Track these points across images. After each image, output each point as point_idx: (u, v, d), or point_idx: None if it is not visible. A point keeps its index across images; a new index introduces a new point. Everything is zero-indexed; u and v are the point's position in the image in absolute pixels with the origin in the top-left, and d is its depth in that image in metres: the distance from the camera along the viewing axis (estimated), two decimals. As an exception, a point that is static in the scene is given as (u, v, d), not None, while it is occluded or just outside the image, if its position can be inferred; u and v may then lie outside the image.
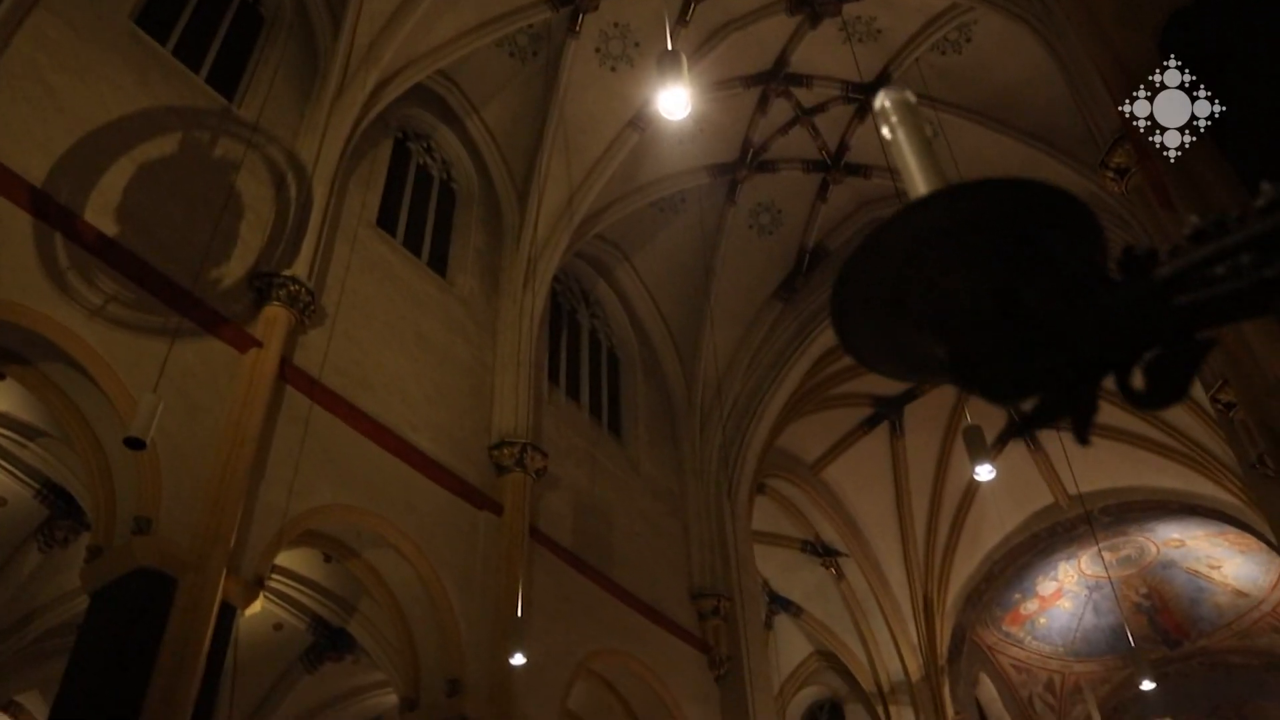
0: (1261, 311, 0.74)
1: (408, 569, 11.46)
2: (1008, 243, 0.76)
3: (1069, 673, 24.18)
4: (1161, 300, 0.74)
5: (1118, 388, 0.82)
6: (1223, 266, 0.75)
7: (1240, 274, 0.73)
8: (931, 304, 0.79)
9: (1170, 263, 0.76)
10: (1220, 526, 20.63)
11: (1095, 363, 0.77)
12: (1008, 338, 0.76)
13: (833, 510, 20.65)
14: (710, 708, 14.84)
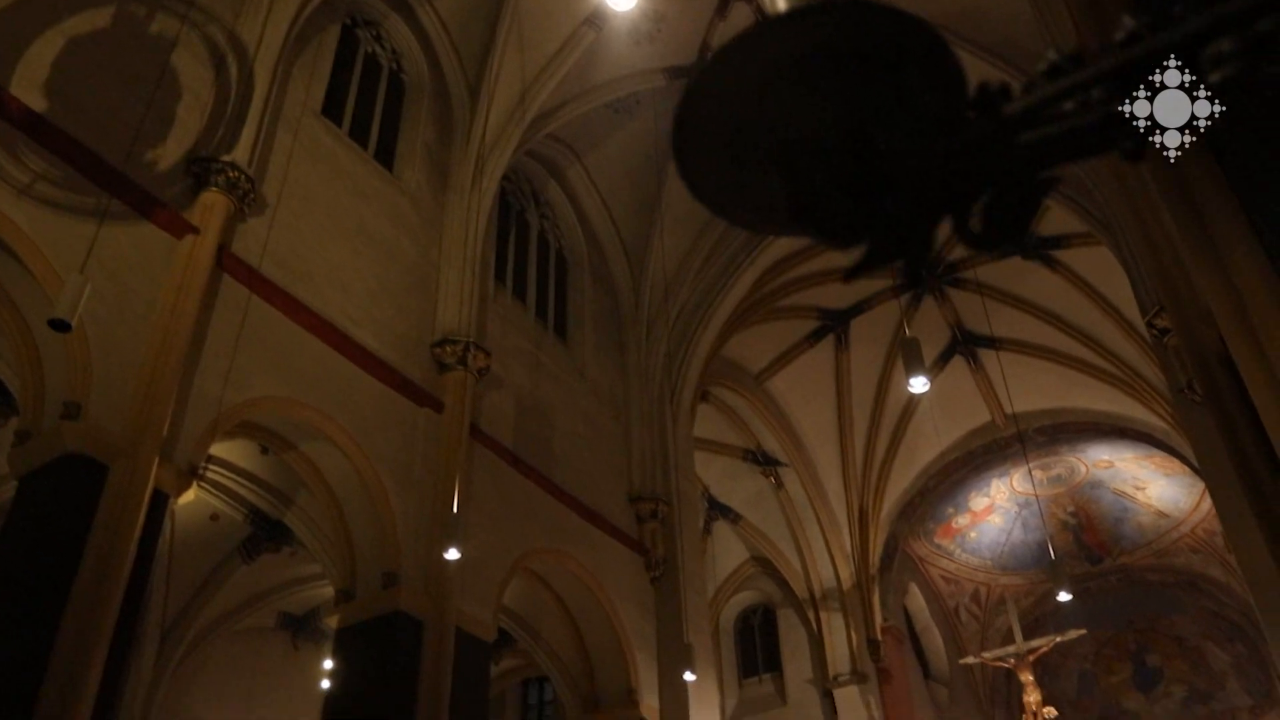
0: (1107, 148, 0.71)
1: (345, 463, 11.43)
2: (862, 75, 0.71)
3: (995, 585, 24.97)
4: (1008, 137, 0.70)
5: (955, 229, 0.78)
6: (1073, 102, 0.71)
7: (1089, 109, 0.70)
8: (777, 140, 0.75)
9: (1022, 99, 0.72)
10: (1148, 449, 21.21)
11: (935, 202, 0.73)
12: (853, 176, 0.72)
13: (775, 420, 20.89)
14: (644, 608, 15.15)
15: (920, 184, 0.71)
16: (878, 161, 0.71)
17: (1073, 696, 26.38)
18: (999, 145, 0.70)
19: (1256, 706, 24.08)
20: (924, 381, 8.30)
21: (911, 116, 0.71)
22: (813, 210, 0.78)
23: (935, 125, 0.71)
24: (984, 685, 25.51)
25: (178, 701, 15.57)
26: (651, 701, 14.44)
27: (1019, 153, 0.70)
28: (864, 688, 20.25)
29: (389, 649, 10.95)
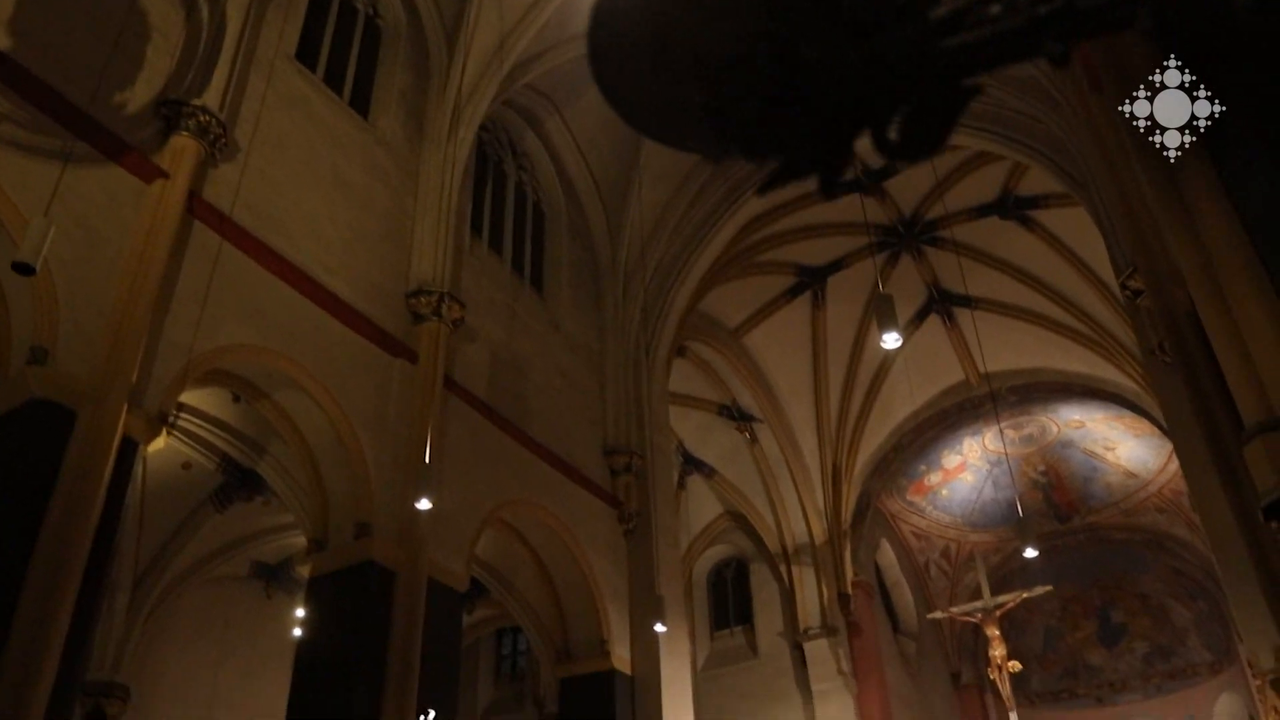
0: (1031, 53, 0.69)
1: (318, 413, 11.38)
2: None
3: (964, 542, 25.29)
4: (931, 43, 0.68)
5: (873, 140, 0.76)
6: (999, 5, 0.69)
7: (1016, 11, 0.68)
8: (695, 49, 0.72)
9: (948, 2, 0.70)
10: (1119, 410, 21.42)
11: (853, 112, 0.71)
12: (771, 86, 0.70)
13: (751, 376, 20.94)
14: (617, 560, 15.25)
15: (839, 93, 0.69)
16: (796, 71, 0.69)
17: (1038, 651, 26.86)
18: (921, 52, 0.68)
19: (1216, 662, 24.60)
20: (896, 337, 8.32)
21: (831, 23, 0.68)
22: (730, 121, 0.76)
23: (855, 32, 0.69)
24: (951, 639, 25.93)
25: (150, 649, 15.60)
26: (623, 652, 14.59)
27: (942, 60, 0.68)
28: (834, 640, 20.52)
29: (361, 598, 10.99)
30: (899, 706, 21.49)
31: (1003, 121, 15.20)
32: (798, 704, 20.52)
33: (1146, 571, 25.67)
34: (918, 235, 19.60)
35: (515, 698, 22.16)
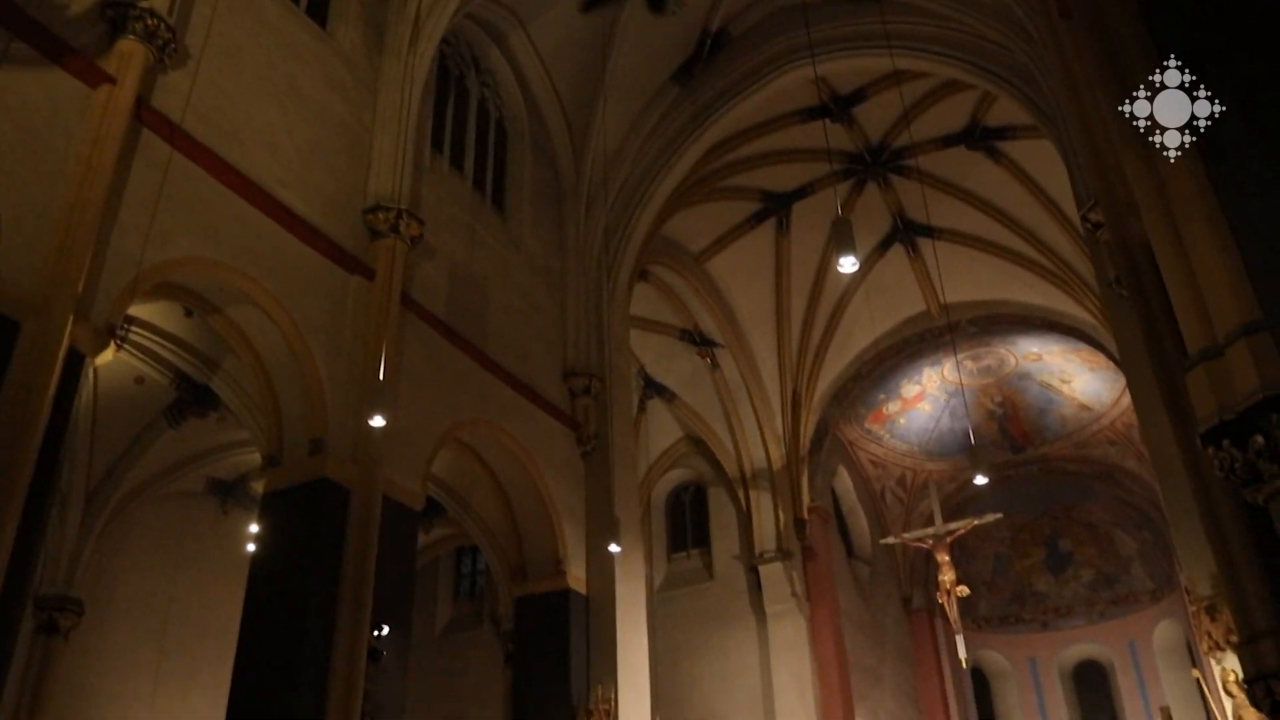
0: None
1: (272, 328, 11.24)
2: None
3: (920, 470, 25.66)
4: None
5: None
6: None
7: None
8: None
9: None
10: (1076, 344, 21.66)
11: None
12: None
13: (713, 301, 20.92)
14: (574, 482, 15.34)
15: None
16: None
17: (988, 578, 27.50)
18: None
19: (1157, 590, 25.31)
20: (853, 261, 8.28)
21: None
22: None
23: None
24: (904, 565, 26.46)
25: (104, 564, 15.57)
26: (578, 572, 14.74)
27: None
28: (788, 564, 20.86)
29: (315, 515, 10.98)
30: (851, 629, 21.98)
31: (973, 50, 15.06)
32: (752, 625, 20.92)
33: (1095, 502, 26.23)
34: (884, 163, 19.50)
35: (474, 616, 22.40)
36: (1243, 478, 4.39)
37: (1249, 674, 7.63)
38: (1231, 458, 4.38)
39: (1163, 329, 7.53)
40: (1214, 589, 11.86)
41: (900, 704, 24.06)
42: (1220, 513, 6.54)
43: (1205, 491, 6.50)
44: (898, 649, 25.05)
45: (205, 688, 14.90)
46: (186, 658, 16.17)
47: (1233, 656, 11.18)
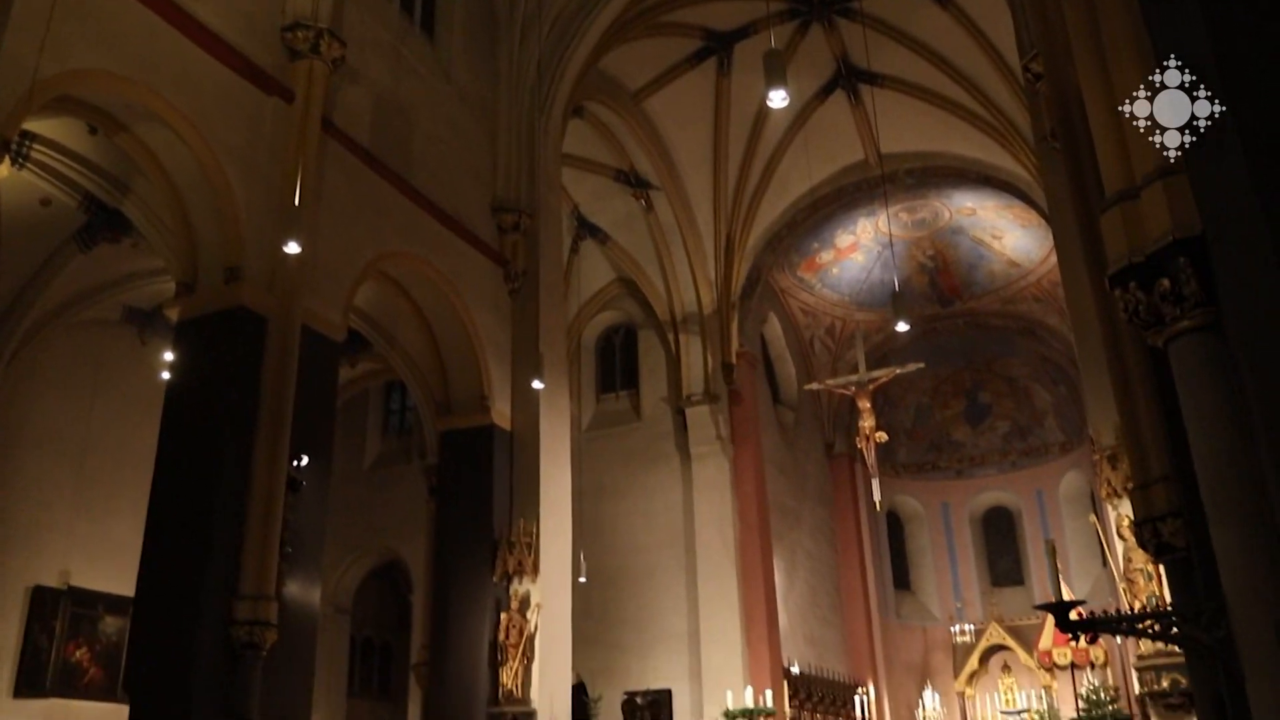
0: None
1: (183, 149, 10.75)
2: None
3: (849, 320, 25.96)
4: None
5: None
6: None
7: None
8: None
9: None
10: (1009, 199, 21.72)
11: None
12: None
13: (650, 141, 20.48)
14: (501, 318, 15.23)
15: None
16: None
17: (908, 426, 28.31)
18: None
19: (1067, 443, 26.30)
20: (783, 96, 8.07)
21: None
22: None
23: None
24: (828, 411, 27.07)
25: (16, 389, 15.21)
26: (503, 408, 14.79)
27: None
28: (715, 407, 21.17)
29: (231, 344, 10.78)
30: (773, 471, 22.56)
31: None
32: (676, 465, 21.35)
33: (1016, 357, 26.89)
34: (829, 3, 18.93)
35: (402, 451, 22.53)
36: (1146, 320, 4.41)
37: (1139, 516, 7.96)
38: (1137, 300, 4.39)
39: (1088, 179, 7.49)
40: (1116, 439, 12.29)
41: (817, 543, 25.00)
42: (1126, 360, 6.66)
43: (1113, 339, 6.60)
44: (818, 492, 25.86)
45: (124, 515, 14.82)
46: (105, 486, 16.06)
47: (1128, 503, 11.65)
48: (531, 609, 14.24)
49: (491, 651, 14.17)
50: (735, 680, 18.25)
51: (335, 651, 22.57)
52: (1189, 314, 4.28)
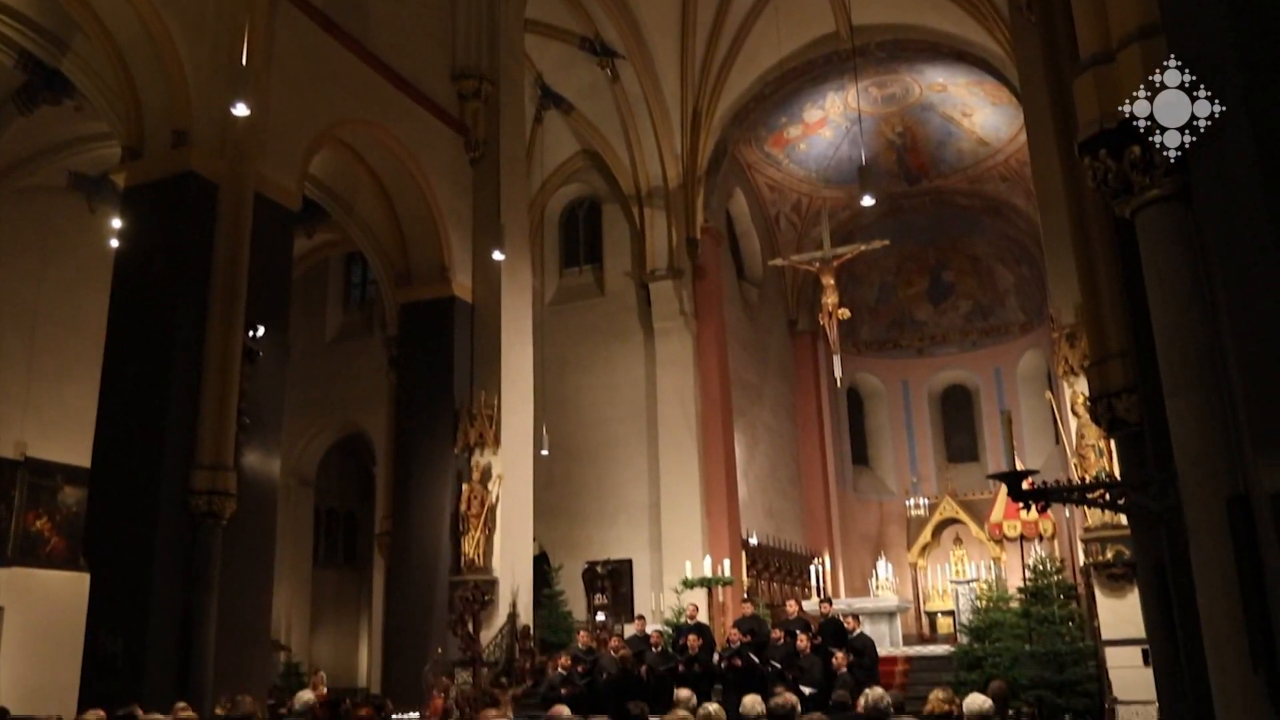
0: None
1: (125, 5, 10.23)
2: None
3: (816, 196, 25.71)
4: None
5: None
6: None
7: None
8: None
9: None
10: (981, 75, 21.32)
11: None
12: None
13: (615, 8, 19.79)
14: (461, 188, 14.91)
15: None
16: None
17: (872, 304, 28.40)
18: None
19: (1027, 323, 26.53)
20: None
21: None
22: None
23: None
24: (792, 288, 27.06)
25: (-38, 256, 14.82)
26: (464, 279, 14.61)
27: None
28: (679, 283, 21.07)
29: (181, 211, 10.50)
30: (736, 347, 22.63)
31: None
32: (639, 340, 21.33)
33: (981, 236, 26.86)
34: None
35: (364, 324, 22.33)
36: (1115, 189, 4.32)
37: (1094, 392, 8.05)
38: (1106, 168, 4.29)
39: (1062, 47, 7.31)
40: (1076, 317, 12.40)
41: (778, 419, 25.30)
42: (1090, 235, 6.62)
43: (1079, 213, 6.54)
44: (780, 368, 26.04)
45: (80, 385, 14.62)
46: (59, 356, 15.82)
47: (1083, 380, 11.83)
48: (493, 480, 14.35)
49: (453, 522, 14.32)
50: (695, 551, 18.64)
51: (300, 523, 22.79)
52: (1158, 182, 4.19)
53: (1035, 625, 13.81)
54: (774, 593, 20.90)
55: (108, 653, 10.28)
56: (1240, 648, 3.76)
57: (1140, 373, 6.40)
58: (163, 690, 9.64)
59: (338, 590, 24.08)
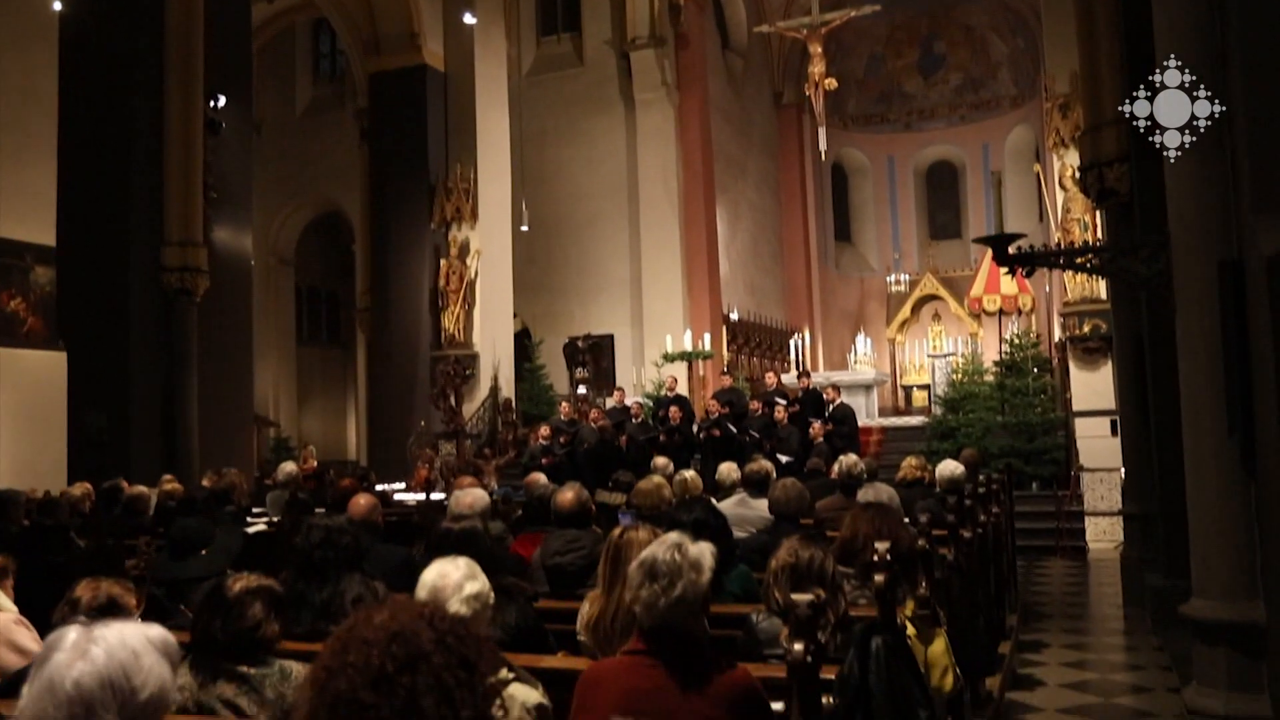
0: None
1: None
2: None
3: (805, -41, 24.38)
4: None
5: None
6: None
7: None
8: None
9: None
10: None
11: None
12: None
13: None
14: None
15: None
16: None
17: (859, 76, 27.48)
18: None
19: (1019, 97, 25.77)
20: None
21: None
22: None
23: None
24: (778, 59, 26.06)
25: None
26: (435, 47, 13.96)
27: None
28: (660, 52, 20.19)
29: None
30: (719, 120, 21.98)
31: None
32: (620, 112, 20.66)
33: (977, 3, 25.71)
34: None
35: (335, 98, 21.49)
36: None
37: (1085, 162, 7.85)
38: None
39: None
40: (1072, 85, 12.01)
41: (761, 194, 24.94)
42: None
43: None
44: (764, 142, 25.44)
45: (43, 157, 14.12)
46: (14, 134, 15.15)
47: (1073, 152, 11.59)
48: (471, 255, 14.20)
49: (432, 297, 14.26)
50: (676, 326, 18.72)
51: (281, 301, 22.75)
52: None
53: (1008, 397, 14.11)
54: (754, 367, 21.20)
55: (93, 429, 10.38)
56: (1218, 413, 3.75)
57: (1133, 142, 6.18)
58: (150, 465, 9.80)
59: (323, 367, 24.33)
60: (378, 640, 1.36)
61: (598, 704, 2.24)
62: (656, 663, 2.22)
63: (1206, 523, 3.89)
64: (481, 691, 1.38)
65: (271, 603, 2.75)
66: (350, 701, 1.32)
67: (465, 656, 1.38)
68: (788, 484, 4.93)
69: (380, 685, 1.32)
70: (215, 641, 2.61)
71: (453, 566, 2.40)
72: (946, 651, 3.27)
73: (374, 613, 1.44)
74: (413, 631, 1.37)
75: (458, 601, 2.33)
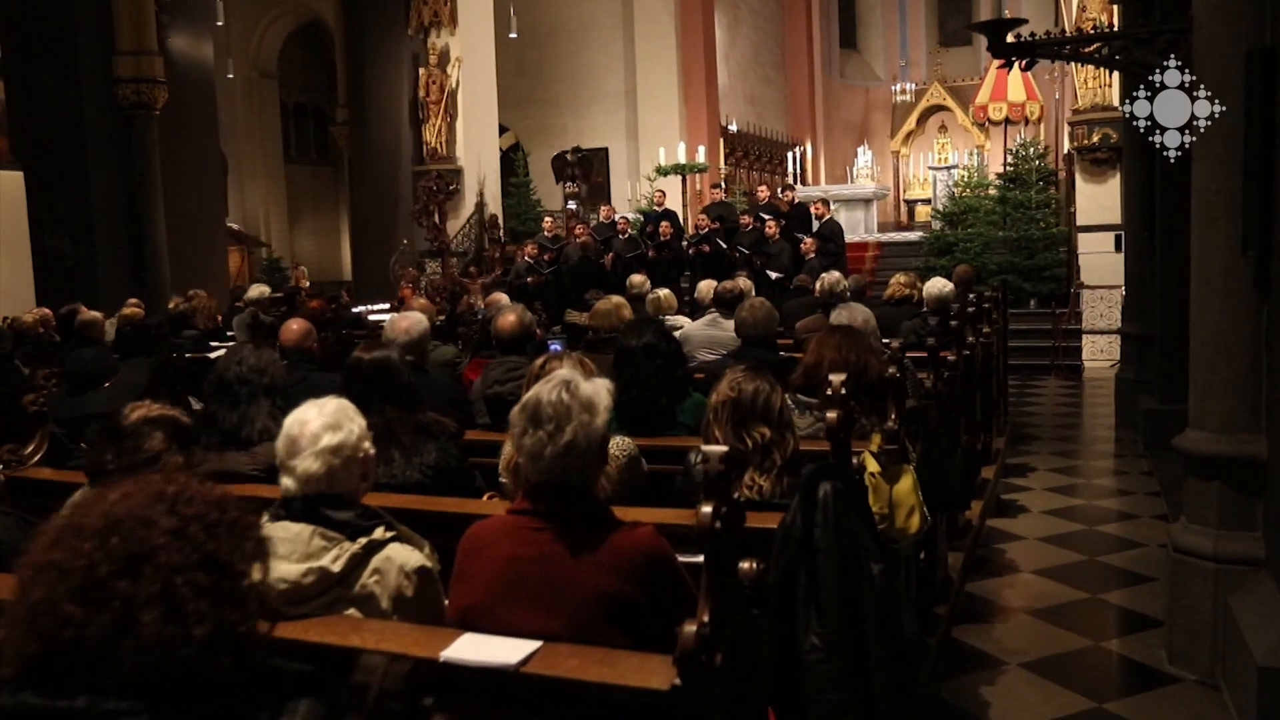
0: None
1: None
2: None
3: None
4: None
5: None
6: None
7: None
8: None
9: None
10: None
11: None
12: None
13: None
14: None
15: None
16: None
17: None
18: None
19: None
20: None
21: None
22: None
23: None
24: None
25: None
26: None
27: None
28: None
29: None
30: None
31: None
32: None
33: None
34: None
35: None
36: None
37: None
38: None
39: None
40: None
41: None
42: None
43: None
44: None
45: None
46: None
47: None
48: (451, 63, 13.41)
49: (413, 109, 13.57)
50: (672, 139, 17.97)
51: (266, 118, 21.91)
52: None
53: (1011, 211, 13.59)
54: (752, 181, 20.52)
55: (58, 253, 10.00)
56: (1232, 225, 3.34)
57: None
58: (118, 289, 9.47)
59: (313, 186, 23.66)
60: (94, 530, 1.03)
61: (475, 573, 1.94)
62: (544, 525, 1.90)
63: (1210, 347, 3.54)
64: (234, 597, 1.05)
65: (175, 435, 2.45)
66: (49, 614, 1.00)
67: (211, 554, 1.04)
68: (755, 303, 4.57)
69: (89, 593, 1.00)
70: (108, 475, 2.30)
71: (315, 411, 2.05)
72: (914, 490, 2.98)
73: (107, 491, 1.10)
74: (141, 519, 1.03)
75: (310, 457, 1.99)
